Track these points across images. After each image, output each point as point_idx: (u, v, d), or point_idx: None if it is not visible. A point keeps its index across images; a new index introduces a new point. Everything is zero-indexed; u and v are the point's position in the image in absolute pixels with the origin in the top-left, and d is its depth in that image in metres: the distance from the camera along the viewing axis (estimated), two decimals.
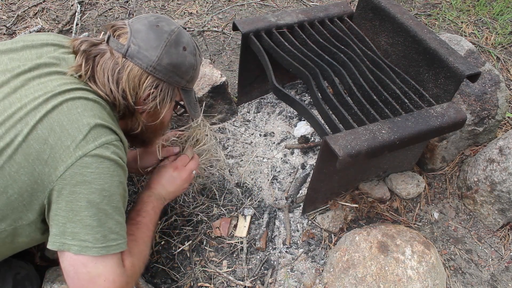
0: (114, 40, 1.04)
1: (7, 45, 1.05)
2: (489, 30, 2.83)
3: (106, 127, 0.97)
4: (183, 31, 1.10)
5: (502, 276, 1.58)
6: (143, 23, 1.05)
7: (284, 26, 1.73)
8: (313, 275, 1.51)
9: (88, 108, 0.96)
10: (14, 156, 0.88)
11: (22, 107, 0.91)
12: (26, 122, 0.90)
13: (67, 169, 0.90)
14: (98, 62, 1.03)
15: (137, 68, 1.03)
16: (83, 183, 0.91)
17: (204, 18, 2.71)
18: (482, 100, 1.77)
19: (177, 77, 1.09)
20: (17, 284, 1.12)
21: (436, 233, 1.69)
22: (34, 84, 0.96)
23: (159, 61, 1.03)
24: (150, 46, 1.02)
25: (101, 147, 0.93)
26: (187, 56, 1.09)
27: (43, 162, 0.89)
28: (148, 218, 1.19)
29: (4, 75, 0.97)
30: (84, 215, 0.92)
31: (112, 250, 0.95)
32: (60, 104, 0.93)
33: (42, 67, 1.00)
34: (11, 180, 0.89)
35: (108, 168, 0.94)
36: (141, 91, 1.05)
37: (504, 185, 1.60)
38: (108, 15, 2.65)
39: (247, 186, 1.74)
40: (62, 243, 0.92)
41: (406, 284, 1.32)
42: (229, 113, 1.99)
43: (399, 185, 1.73)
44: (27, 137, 0.89)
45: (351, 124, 1.38)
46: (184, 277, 1.47)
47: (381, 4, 1.66)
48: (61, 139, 0.90)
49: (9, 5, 2.62)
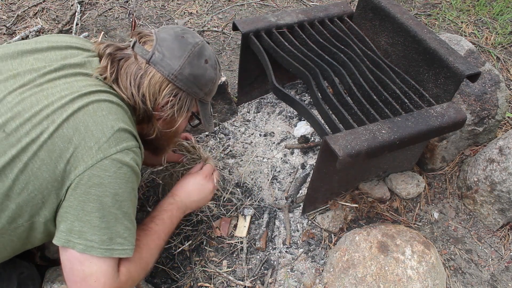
0: (140, 46, 1.07)
1: (31, 44, 1.06)
2: (489, 30, 2.83)
3: (129, 132, 0.99)
4: (206, 45, 1.14)
5: (502, 276, 1.59)
6: (169, 33, 1.09)
7: (284, 26, 1.73)
8: (313, 275, 1.51)
9: (112, 111, 0.98)
10: (39, 152, 0.90)
11: (49, 105, 0.93)
12: (52, 120, 0.92)
13: (86, 170, 0.91)
14: (122, 66, 1.06)
15: (159, 75, 1.06)
16: (99, 186, 0.93)
17: (204, 18, 2.71)
18: (482, 100, 1.77)
19: (196, 88, 1.12)
20: (21, 284, 1.13)
21: (436, 233, 1.69)
22: (60, 83, 0.98)
23: (181, 70, 1.06)
24: (174, 55, 1.06)
25: (122, 152, 0.95)
26: (208, 69, 1.12)
27: (65, 160, 0.91)
28: (162, 227, 1.18)
29: (31, 74, 0.98)
30: (94, 216, 0.93)
31: (116, 254, 0.96)
32: (86, 105, 0.95)
33: (67, 67, 1.02)
34: (33, 176, 0.90)
35: (125, 174, 0.96)
36: (160, 98, 1.07)
37: (504, 185, 1.60)
38: (108, 15, 2.65)
39: (247, 186, 1.74)
40: (67, 240, 0.93)
41: (406, 284, 1.32)
42: (229, 113, 1.99)
43: (399, 185, 1.73)
44: (52, 135, 0.91)
45: (351, 124, 1.38)
46: (184, 277, 1.47)
47: (381, 4, 1.66)
48: (85, 139, 0.92)
49: (9, 5, 2.62)
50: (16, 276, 1.12)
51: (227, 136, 1.93)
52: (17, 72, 0.98)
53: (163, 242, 1.18)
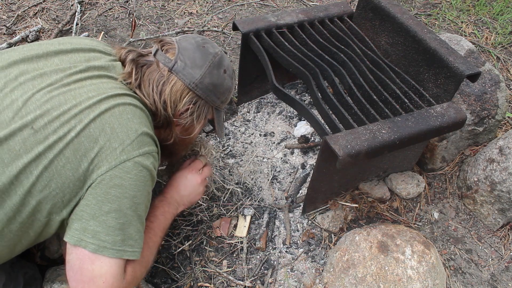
0: (162, 54, 1.10)
1: (54, 45, 1.08)
2: (489, 30, 2.83)
3: (151, 137, 1.02)
4: (224, 55, 1.18)
5: (502, 276, 1.59)
6: (190, 43, 1.13)
7: (284, 26, 1.73)
8: (313, 275, 1.51)
9: (136, 115, 1.01)
10: (65, 150, 0.91)
11: (77, 104, 0.95)
12: (80, 119, 0.94)
13: (109, 170, 0.93)
14: (144, 72, 1.09)
15: (180, 83, 1.09)
16: (120, 187, 0.94)
17: (204, 18, 2.71)
18: (482, 100, 1.77)
19: (214, 97, 1.16)
20: (25, 284, 1.14)
21: (436, 233, 1.69)
22: (87, 84, 1.00)
23: (201, 79, 1.11)
24: (196, 65, 1.10)
25: (143, 156, 0.98)
26: (226, 78, 1.17)
27: (89, 160, 0.93)
28: (156, 223, 1.19)
29: (57, 74, 1.00)
30: (110, 217, 0.94)
31: (127, 255, 0.97)
32: (113, 107, 0.98)
33: (92, 69, 1.05)
34: (57, 174, 0.91)
35: (144, 177, 0.98)
36: (180, 105, 1.11)
37: (504, 185, 1.60)
38: (108, 15, 2.65)
39: (247, 186, 1.74)
40: (80, 239, 0.94)
41: (406, 284, 1.32)
42: (229, 113, 1.99)
43: (399, 185, 1.73)
44: (79, 134, 0.92)
45: (351, 124, 1.38)
46: (184, 277, 1.47)
47: (381, 4, 1.66)
48: (110, 140, 0.94)
49: (9, 5, 2.62)
50: (22, 276, 1.14)
51: (227, 136, 1.93)
52: (43, 71, 1.00)
53: (159, 238, 1.19)
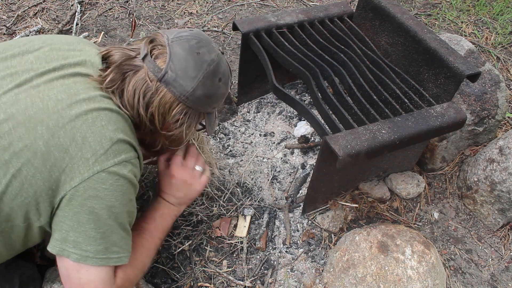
0: (151, 61, 0.99)
1: (33, 42, 1.02)
2: (489, 30, 2.83)
3: (128, 143, 0.96)
4: (221, 60, 1.08)
5: (502, 276, 1.58)
6: (184, 47, 1.00)
7: (284, 26, 1.73)
8: (313, 275, 1.51)
9: (112, 121, 0.94)
10: (33, 160, 0.87)
11: (44, 108, 0.89)
12: (47, 126, 0.88)
13: (82, 182, 0.89)
14: (130, 81, 0.99)
15: (170, 95, 1.00)
16: (95, 198, 0.90)
17: (204, 18, 2.71)
18: (482, 100, 1.77)
19: (206, 106, 1.08)
20: (22, 284, 1.13)
21: (436, 233, 1.69)
22: (57, 85, 0.94)
23: (193, 92, 1.01)
24: (188, 76, 0.99)
25: (120, 165, 0.93)
26: (220, 87, 1.08)
27: (60, 170, 0.88)
28: (153, 225, 1.18)
29: (28, 73, 0.94)
30: (89, 227, 0.92)
31: (112, 262, 0.96)
32: (85, 113, 0.91)
33: (67, 67, 0.98)
34: (27, 183, 0.87)
35: (122, 186, 0.94)
36: (169, 117, 1.03)
37: (504, 185, 1.60)
38: (108, 15, 2.65)
39: (247, 186, 1.74)
40: (62, 249, 0.93)
41: (406, 284, 1.32)
42: (229, 113, 1.99)
43: (399, 185, 1.73)
44: (47, 143, 0.87)
45: (351, 124, 1.38)
46: (184, 277, 1.47)
47: (381, 4, 1.66)
48: (81, 150, 0.89)
49: (9, 5, 2.62)
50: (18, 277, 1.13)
51: (227, 136, 1.93)
52: (15, 70, 0.95)
53: (158, 240, 1.18)
